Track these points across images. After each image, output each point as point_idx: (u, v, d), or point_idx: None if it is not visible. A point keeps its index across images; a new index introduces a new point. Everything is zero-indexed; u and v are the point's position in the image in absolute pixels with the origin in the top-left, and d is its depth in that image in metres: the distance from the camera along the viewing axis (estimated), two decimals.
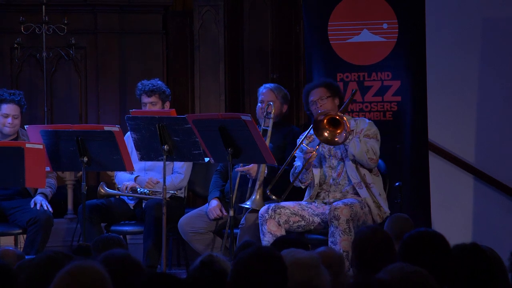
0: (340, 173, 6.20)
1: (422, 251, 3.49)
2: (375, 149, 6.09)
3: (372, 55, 6.88)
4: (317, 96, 6.23)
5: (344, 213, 5.86)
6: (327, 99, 6.22)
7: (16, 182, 6.04)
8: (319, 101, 6.22)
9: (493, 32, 7.74)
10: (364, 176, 6.12)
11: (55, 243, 6.98)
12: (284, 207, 6.07)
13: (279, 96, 6.62)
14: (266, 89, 6.65)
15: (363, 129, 6.17)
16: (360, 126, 6.20)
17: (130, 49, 8.21)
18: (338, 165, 6.20)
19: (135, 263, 3.23)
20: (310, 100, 6.26)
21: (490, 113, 7.75)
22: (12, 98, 6.64)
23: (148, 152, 5.97)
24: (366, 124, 6.20)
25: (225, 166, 6.61)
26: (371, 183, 6.11)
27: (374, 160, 6.08)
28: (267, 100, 6.57)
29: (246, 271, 3.10)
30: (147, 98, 6.80)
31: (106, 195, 6.77)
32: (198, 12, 8.15)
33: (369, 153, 6.05)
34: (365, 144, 6.07)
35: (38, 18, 7.82)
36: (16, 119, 6.65)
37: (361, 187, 6.10)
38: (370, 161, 6.06)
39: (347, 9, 6.92)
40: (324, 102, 6.21)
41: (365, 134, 6.15)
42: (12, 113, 6.63)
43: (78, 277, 2.74)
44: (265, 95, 6.61)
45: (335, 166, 6.21)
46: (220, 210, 6.45)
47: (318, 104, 6.22)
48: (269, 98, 6.57)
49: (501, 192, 7.73)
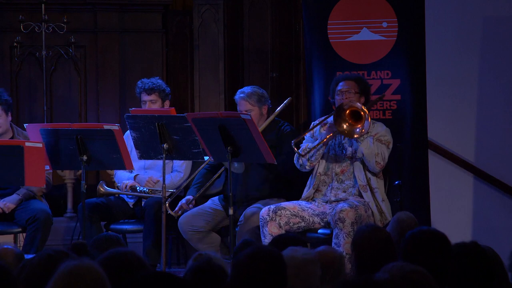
0: (344, 170, 6.18)
1: (424, 250, 3.49)
2: (384, 155, 6.07)
3: (372, 54, 6.88)
4: (346, 87, 6.18)
5: (350, 216, 5.85)
6: (355, 95, 6.18)
7: (15, 181, 6.04)
8: (346, 93, 6.16)
9: (493, 30, 7.74)
10: (369, 179, 6.11)
11: (55, 242, 6.98)
12: (284, 209, 6.06)
13: (254, 103, 6.54)
14: (240, 99, 6.55)
15: (378, 133, 6.14)
16: (376, 129, 6.17)
17: (130, 48, 8.21)
18: (344, 162, 6.18)
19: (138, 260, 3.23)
20: (338, 89, 6.20)
21: (490, 112, 7.74)
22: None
23: (147, 151, 5.97)
24: (382, 130, 6.17)
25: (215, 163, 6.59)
26: (375, 188, 6.10)
27: (380, 165, 6.06)
28: (244, 110, 6.50)
29: (246, 271, 3.10)
30: (147, 96, 6.80)
31: (105, 193, 6.77)
32: (198, 11, 8.14)
33: (378, 156, 6.03)
34: (376, 146, 6.05)
35: (37, 16, 7.82)
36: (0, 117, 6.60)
37: (365, 191, 6.08)
38: (377, 165, 6.04)
39: (347, 8, 6.92)
40: (351, 96, 6.15)
41: (378, 138, 6.11)
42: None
43: (75, 277, 2.73)
44: (241, 105, 6.55)
45: (341, 161, 6.19)
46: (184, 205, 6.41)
47: (344, 95, 6.16)
48: (245, 108, 6.51)
49: (501, 191, 7.73)
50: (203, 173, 6.64)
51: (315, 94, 6.96)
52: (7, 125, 6.65)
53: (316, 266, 3.44)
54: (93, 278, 2.75)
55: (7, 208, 6.53)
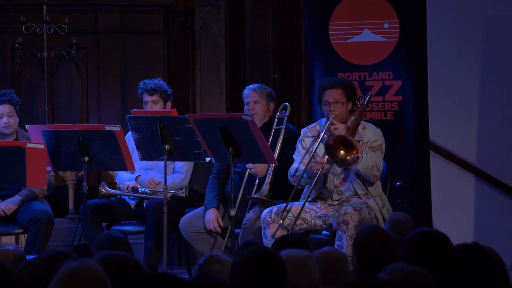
0: (342, 182, 6.14)
1: (425, 251, 3.49)
2: (379, 165, 6.01)
3: (373, 55, 6.88)
4: (332, 98, 6.08)
5: (353, 218, 5.83)
6: (342, 105, 6.08)
7: (17, 182, 6.04)
8: (333, 104, 6.08)
9: (494, 31, 7.74)
10: (367, 188, 6.08)
11: (56, 243, 6.98)
12: (286, 210, 6.04)
13: (263, 95, 6.57)
14: (249, 90, 6.59)
15: (369, 140, 6.09)
16: (367, 136, 6.09)
17: (131, 49, 8.21)
18: (342, 173, 6.13)
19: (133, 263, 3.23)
20: (324, 100, 6.10)
21: (491, 112, 7.74)
22: (3, 99, 6.62)
23: (149, 152, 5.97)
24: (373, 135, 6.09)
25: (222, 169, 6.61)
26: (374, 196, 6.08)
27: (377, 177, 6.02)
28: (252, 100, 6.53)
29: (245, 271, 3.11)
30: (149, 97, 6.80)
31: (107, 194, 6.77)
32: (199, 11, 8.15)
33: (374, 169, 5.98)
34: (371, 159, 5.97)
35: (39, 18, 7.83)
36: (11, 117, 6.63)
37: (369, 198, 6.05)
38: (374, 177, 6.01)
39: (348, 9, 6.92)
40: (338, 107, 6.06)
41: (371, 146, 6.04)
42: (5, 112, 6.61)
43: (76, 278, 2.73)
44: (249, 96, 6.57)
45: (339, 173, 6.14)
46: (217, 221, 6.43)
47: (332, 107, 6.08)
48: (254, 99, 6.54)
49: (502, 191, 7.73)
50: (215, 183, 6.63)
51: (316, 95, 6.95)
52: (16, 126, 6.68)
53: (314, 262, 3.44)
54: (94, 279, 2.75)
55: (8, 209, 6.54)
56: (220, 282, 2.99)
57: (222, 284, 2.97)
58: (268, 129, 6.51)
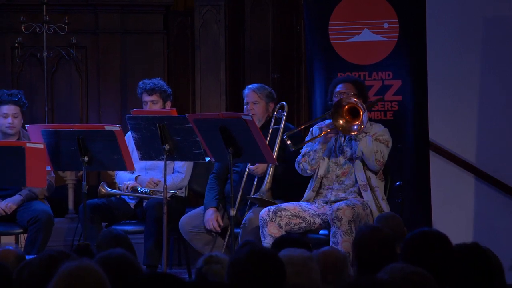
0: (345, 172, 6.17)
1: (425, 251, 3.48)
2: (384, 153, 6.07)
3: (373, 55, 6.88)
4: (344, 89, 6.19)
5: (347, 214, 5.85)
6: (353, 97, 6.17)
7: (17, 182, 6.04)
8: (344, 94, 6.17)
9: (494, 31, 7.74)
10: (369, 178, 6.11)
11: (56, 243, 6.99)
12: (284, 209, 6.06)
13: (262, 96, 6.57)
14: (249, 91, 6.59)
15: (376, 133, 6.15)
16: (374, 129, 6.17)
17: (131, 49, 8.22)
18: (345, 164, 6.17)
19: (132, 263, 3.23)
20: (336, 91, 6.21)
21: (491, 112, 7.74)
22: (11, 99, 6.64)
23: (148, 152, 5.98)
24: (380, 130, 6.18)
25: (221, 168, 6.62)
26: (376, 187, 6.10)
27: (380, 163, 6.06)
28: (251, 101, 6.54)
29: (241, 270, 3.11)
30: (148, 97, 6.81)
31: (107, 194, 6.77)
32: (199, 11, 8.15)
33: (378, 154, 6.03)
34: (376, 145, 6.06)
35: (39, 17, 7.83)
36: (16, 118, 6.65)
37: (366, 190, 6.08)
38: (377, 163, 6.04)
39: (348, 9, 6.92)
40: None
41: (377, 138, 6.11)
42: (11, 112, 6.63)
43: (76, 278, 2.73)
44: (248, 96, 6.57)
45: (341, 164, 6.19)
46: (217, 220, 6.44)
47: (343, 96, 6.17)
48: (253, 99, 6.54)
49: (502, 191, 7.72)
50: (215, 183, 6.63)
51: (316, 95, 6.96)
52: (20, 127, 6.69)
53: (315, 263, 3.44)
54: (94, 279, 2.75)
55: (9, 208, 6.54)
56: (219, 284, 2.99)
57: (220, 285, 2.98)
58: (267, 129, 6.52)
